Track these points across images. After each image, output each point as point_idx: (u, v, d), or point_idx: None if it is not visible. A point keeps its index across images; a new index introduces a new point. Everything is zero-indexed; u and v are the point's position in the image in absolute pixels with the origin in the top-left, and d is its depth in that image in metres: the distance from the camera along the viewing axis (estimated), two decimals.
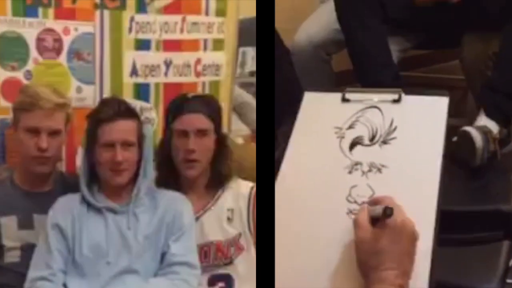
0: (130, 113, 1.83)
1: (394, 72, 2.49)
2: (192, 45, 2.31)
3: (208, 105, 1.93)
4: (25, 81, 2.04)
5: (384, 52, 2.48)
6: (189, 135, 1.87)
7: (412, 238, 1.26)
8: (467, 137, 2.08)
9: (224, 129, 2.08)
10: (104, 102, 1.92)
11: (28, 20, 2.04)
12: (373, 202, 1.34)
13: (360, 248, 1.27)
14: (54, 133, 1.85)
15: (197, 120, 1.89)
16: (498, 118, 2.19)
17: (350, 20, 2.48)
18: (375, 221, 1.28)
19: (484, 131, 2.10)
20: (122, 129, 1.79)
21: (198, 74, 2.32)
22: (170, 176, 1.93)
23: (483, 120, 2.19)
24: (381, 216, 1.27)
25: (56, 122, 1.86)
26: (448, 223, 1.29)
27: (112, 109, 1.80)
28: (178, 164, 1.90)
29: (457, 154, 2.07)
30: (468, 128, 2.11)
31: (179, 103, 1.93)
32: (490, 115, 2.19)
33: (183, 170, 1.90)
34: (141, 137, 1.83)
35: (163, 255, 1.80)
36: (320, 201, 1.42)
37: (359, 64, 2.51)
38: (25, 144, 1.84)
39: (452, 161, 1.94)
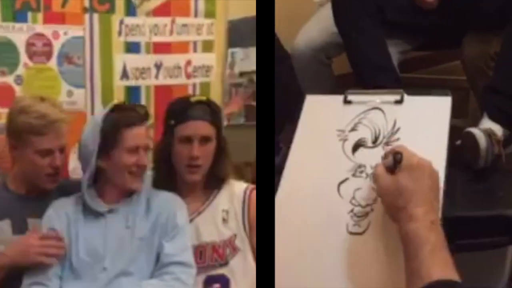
0: (147, 118, 1.83)
1: (394, 76, 2.45)
2: (182, 47, 2.32)
3: (211, 110, 1.92)
4: (15, 86, 2.03)
5: (383, 56, 2.45)
6: (193, 142, 1.87)
7: (432, 174, 1.28)
8: (471, 138, 2.02)
9: None
10: (121, 107, 1.84)
11: (18, 25, 2.04)
12: (386, 155, 1.34)
13: (384, 195, 1.28)
14: (63, 148, 1.85)
15: (202, 127, 1.88)
16: (501, 121, 2.14)
17: (347, 24, 2.45)
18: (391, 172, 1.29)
19: (488, 133, 2.03)
20: (144, 134, 1.79)
21: (188, 76, 2.32)
22: (168, 177, 1.92)
23: (486, 123, 2.14)
24: (393, 163, 1.28)
25: (65, 138, 1.85)
26: (452, 228, 1.28)
27: (135, 113, 1.79)
28: (180, 168, 1.89)
29: (460, 156, 2.02)
30: (472, 129, 2.05)
31: (182, 108, 1.92)
32: (493, 118, 2.14)
33: (185, 175, 1.89)
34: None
35: (158, 256, 1.80)
36: (324, 204, 1.41)
37: (358, 68, 2.48)
38: (38, 165, 1.82)
39: (456, 163, 1.93)
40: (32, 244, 1.72)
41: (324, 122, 1.53)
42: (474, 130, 2.04)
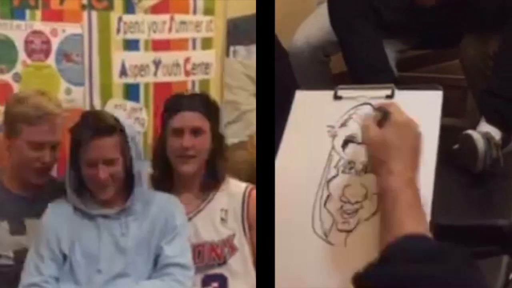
0: (110, 129, 1.78)
1: (390, 76, 2.43)
2: (181, 44, 2.30)
3: (205, 103, 1.93)
4: (13, 84, 2.02)
5: (379, 57, 2.45)
6: (184, 132, 1.86)
7: (416, 134, 1.32)
8: (469, 141, 2.03)
9: None
10: (83, 119, 1.83)
11: (16, 22, 2.02)
12: (376, 109, 1.39)
13: (369, 146, 1.34)
14: (55, 145, 1.85)
15: (193, 118, 1.88)
16: (499, 124, 2.14)
17: (343, 26, 2.45)
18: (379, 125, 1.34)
19: (487, 137, 2.04)
20: (102, 147, 1.75)
21: (187, 73, 2.31)
22: (166, 175, 1.92)
23: (484, 127, 2.14)
24: (380, 118, 1.33)
25: (58, 135, 1.85)
26: (443, 236, 1.27)
27: (91, 127, 1.76)
28: (173, 161, 1.89)
29: (458, 159, 2.03)
30: (470, 132, 2.06)
31: (175, 101, 1.93)
32: (491, 122, 2.14)
33: (178, 166, 1.89)
34: (126, 150, 1.79)
35: (156, 258, 1.79)
36: (312, 201, 1.40)
37: (354, 70, 2.49)
38: (27, 157, 1.83)
39: (454, 167, 1.92)
40: None
41: (314, 117, 1.53)
42: (472, 133, 2.04)
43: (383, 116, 1.34)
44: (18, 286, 1.72)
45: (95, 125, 1.77)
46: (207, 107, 1.92)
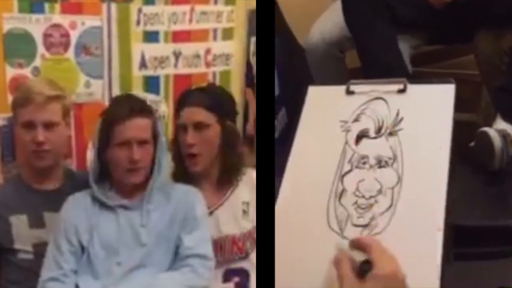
0: (145, 110, 1.79)
1: (404, 73, 2.41)
2: (202, 35, 2.29)
3: (209, 96, 1.89)
4: (33, 78, 2.02)
5: (393, 55, 2.44)
6: (188, 128, 1.85)
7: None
8: (485, 138, 2.01)
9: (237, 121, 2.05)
10: (117, 100, 1.87)
11: (35, 16, 2.02)
12: (356, 245, 1.24)
13: None
14: (50, 125, 1.82)
15: (195, 113, 1.86)
16: None
17: (357, 23, 2.45)
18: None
19: (503, 134, 2.02)
20: (137, 127, 1.75)
21: (208, 65, 2.30)
22: (183, 170, 1.91)
23: (500, 124, 2.12)
24: (360, 267, 1.19)
25: (50, 114, 1.82)
26: (458, 236, 1.24)
27: (127, 107, 1.76)
28: (184, 159, 1.88)
29: (475, 156, 2.01)
30: (486, 129, 2.04)
31: (180, 97, 1.92)
32: (506, 119, 2.12)
33: (187, 165, 1.87)
34: (156, 134, 1.80)
35: (176, 249, 1.78)
36: (327, 197, 1.38)
37: (368, 66, 2.48)
38: (23, 140, 1.83)
39: (470, 165, 1.89)
40: None
41: (327, 113, 1.50)
42: (489, 131, 2.03)
43: (363, 265, 1.18)
44: (37, 280, 1.72)
45: (131, 104, 1.77)
46: (211, 99, 1.88)
